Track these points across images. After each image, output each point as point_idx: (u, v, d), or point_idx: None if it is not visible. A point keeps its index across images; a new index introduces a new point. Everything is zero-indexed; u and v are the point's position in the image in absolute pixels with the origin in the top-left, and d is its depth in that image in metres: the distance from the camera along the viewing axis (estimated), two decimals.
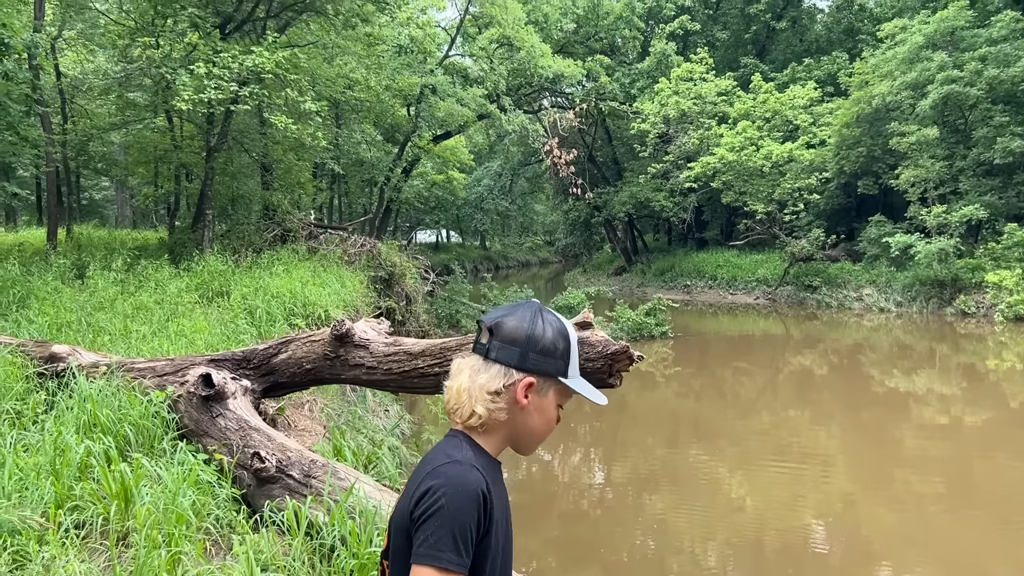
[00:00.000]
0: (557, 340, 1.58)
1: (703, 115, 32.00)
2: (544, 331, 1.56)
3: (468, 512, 1.40)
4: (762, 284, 31.17)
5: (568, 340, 1.60)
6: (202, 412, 4.72)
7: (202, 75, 12.42)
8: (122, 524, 3.69)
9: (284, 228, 17.77)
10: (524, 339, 1.55)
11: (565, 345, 1.59)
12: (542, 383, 1.57)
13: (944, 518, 8.35)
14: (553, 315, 1.61)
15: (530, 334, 1.55)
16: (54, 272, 10.94)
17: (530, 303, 1.62)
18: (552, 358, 1.57)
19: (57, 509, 3.66)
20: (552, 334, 1.57)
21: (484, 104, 23.75)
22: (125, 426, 4.55)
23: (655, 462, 10.90)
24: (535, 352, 1.55)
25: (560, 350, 1.58)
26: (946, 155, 25.63)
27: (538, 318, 1.57)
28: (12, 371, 5.39)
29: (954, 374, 16.93)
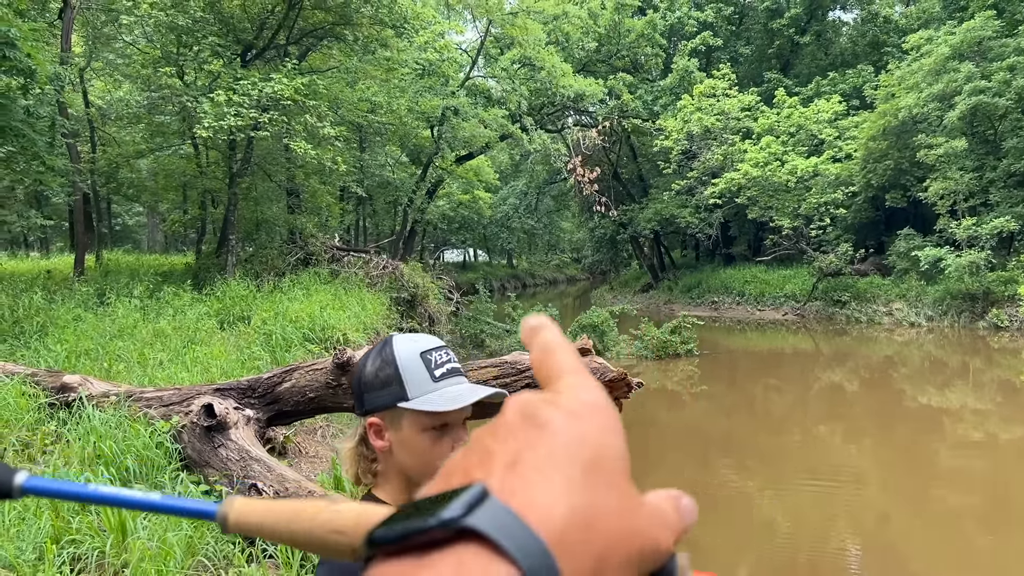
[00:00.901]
0: (381, 369, 1.48)
1: (726, 131, 31.83)
2: (369, 366, 1.48)
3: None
4: (790, 300, 30.78)
5: (395, 364, 1.48)
6: (204, 442, 4.74)
7: (222, 103, 12.62)
8: (118, 558, 3.70)
9: (307, 251, 17.95)
10: (357, 384, 1.49)
11: (391, 370, 1.48)
12: (389, 418, 1.48)
13: (981, 537, 8.14)
14: (389, 343, 1.51)
15: (360, 377, 1.49)
16: (77, 300, 11.11)
17: (384, 340, 1.53)
18: (381, 390, 1.47)
19: (54, 544, 3.68)
20: (374, 365, 1.49)
21: (506, 124, 23.86)
22: (128, 458, 4.57)
23: (683, 480, 10.74)
24: (367, 392, 1.48)
25: (386, 376, 1.47)
26: (975, 166, 25.21)
27: (368, 355, 1.50)
28: (23, 402, 5.45)
29: (988, 389, 16.57)
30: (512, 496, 0.35)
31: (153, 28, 15.17)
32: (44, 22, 15.77)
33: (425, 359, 1.49)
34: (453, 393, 1.48)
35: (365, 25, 15.28)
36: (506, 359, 4.55)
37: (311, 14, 15.24)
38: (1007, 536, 8.11)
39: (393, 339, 1.52)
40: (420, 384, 1.47)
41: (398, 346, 1.50)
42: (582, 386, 0.43)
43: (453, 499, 0.34)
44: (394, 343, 1.51)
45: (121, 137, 22.06)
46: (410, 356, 1.49)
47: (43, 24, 14.54)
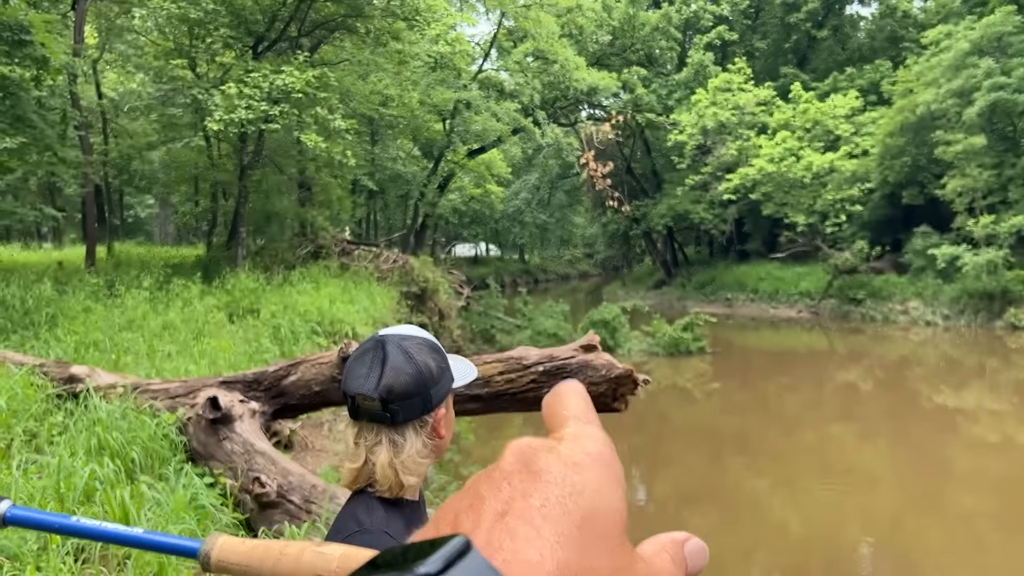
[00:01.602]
0: (436, 358, 1.51)
1: (741, 126, 31.61)
2: (427, 362, 1.48)
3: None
4: (805, 297, 30.57)
5: (440, 349, 1.55)
6: (209, 435, 4.71)
7: (233, 95, 12.60)
8: (121, 549, 3.67)
9: (317, 245, 17.94)
10: (420, 383, 1.46)
11: (442, 356, 1.54)
12: (446, 403, 1.54)
13: (997, 539, 8.05)
14: (412, 338, 1.52)
15: (420, 374, 1.46)
16: (87, 291, 11.12)
17: (379, 343, 1.50)
18: (442, 379, 1.51)
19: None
20: (431, 358, 1.50)
21: (518, 118, 23.76)
22: (133, 449, 4.55)
23: (696, 478, 10.71)
24: (433, 387, 1.47)
25: (443, 364, 1.53)
26: (994, 164, 24.93)
27: (409, 356, 1.47)
28: (30, 392, 5.44)
29: (1005, 389, 16.40)
30: (497, 551, 0.33)
31: (165, 20, 15.17)
32: (57, 13, 15.80)
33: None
34: (461, 365, 1.63)
35: (377, 17, 15.23)
36: (512, 354, 4.47)
37: (323, 6, 15.19)
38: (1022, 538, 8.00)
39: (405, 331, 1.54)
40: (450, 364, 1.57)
41: (425, 334, 1.56)
42: (587, 435, 0.41)
43: (436, 550, 0.32)
44: (414, 332, 1.55)
45: (133, 129, 22.12)
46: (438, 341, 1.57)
47: (56, 16, 14.55)
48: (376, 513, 1.44)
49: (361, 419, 1.48)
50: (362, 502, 1.48)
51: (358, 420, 1.48)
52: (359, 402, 1.45)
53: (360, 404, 1.46)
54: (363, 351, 1.51)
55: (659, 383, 17.43)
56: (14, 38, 10.61)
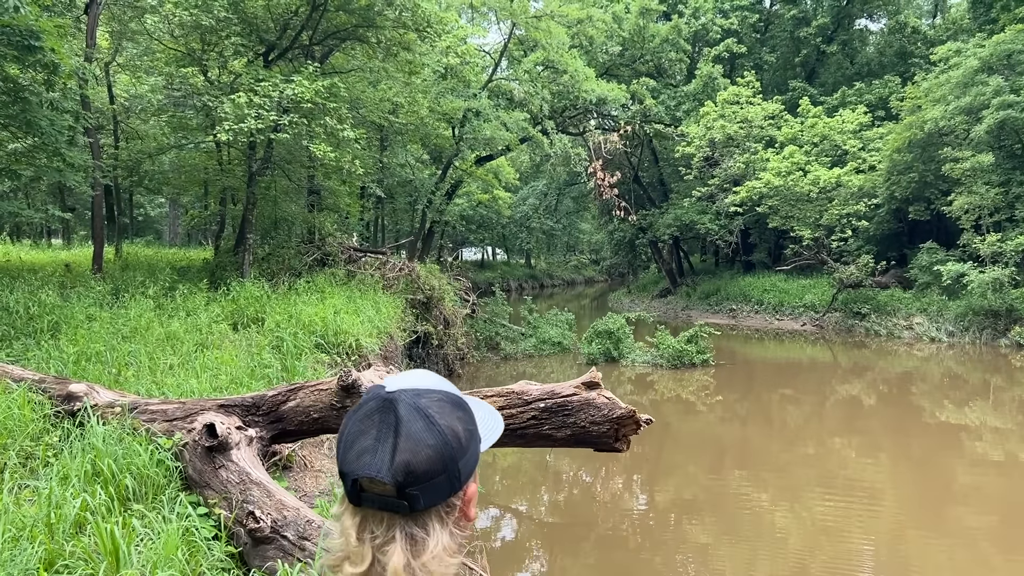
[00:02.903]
0: (464, 420, 1.19)
1: (749, 139, 31.59)
2: (453, 426, 1.15)
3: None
4: (809, 310, 30.49)
5: (465, 404, 1.22)
6: (205, 462, 4.69)
7: (243, 104, 12.62)
8: None
9: (324, 252, 17.94)
10: (446, 456, 1.12)
11: (469, 412, 1.21)
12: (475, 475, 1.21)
13: (998, 558, 8.00)
14: (429, 392, 1.19)
15: (445, 445, 1.12)
16: (92, 298, 11.14)
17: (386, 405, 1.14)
18: (472, 443, 1.19)
19: (47, 569, 3.64)
20: (459, 420, 1.17)
21: (527, 128, 23.77)
22: (127, 477, 4.53)
23: (697, 489, 10.68)
24: (463, 459, 1.15)
25: (471, 423, 1.20)
26: (1002, 181, 24.83)
27: (430, 420, 1.13)
28: (27, 412, 5.43)
29: (1009, 407, 16.32)
30: None
31: (177, 26, 15.20)
32: (70, 17, 15.85)
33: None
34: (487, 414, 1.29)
35: (388, 28, 15.24)
36: (513, 388, 4.46)
37: (334, 15, 15.20)
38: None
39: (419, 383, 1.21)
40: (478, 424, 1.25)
41: (445, 385, 1.24)
42: None
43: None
44: (440, 387, 1.22)
45: (145, 131, 22.18)
46: (463, 394, 1.25)
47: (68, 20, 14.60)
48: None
49: (365, 506, 1.11)
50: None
51: (361, 507, 1.11)
52: (364, 486, 1.10)
53: (366, 488, 1.10)
54: (366, 413, 1.14)
55: (662, 395, 17.40)
56: (24, 43, 10.64)
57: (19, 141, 12.71)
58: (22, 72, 11.62)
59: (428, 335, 17.90)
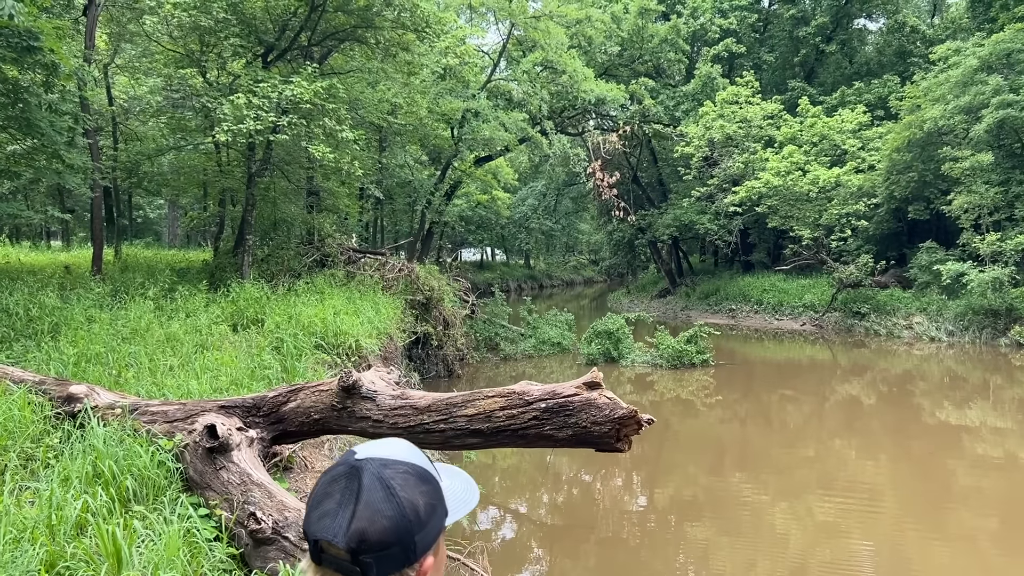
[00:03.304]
0: (426, 492, 1.21)
1: (748, 139, 31.60)
2: (413, 500, 1.18)
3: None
4: (809, 310, 30.49)
5: (432, 476, 1.25)
6: (206, 464, 4.68)
7: (242, 105, 12.61)
8: None
9: (323, 253, 17.94)
10: (402, 529, 1.16)
11: (434, 487, 1.24)
12: (435, 547, 1.23)
13: (998, 558, 7.99)
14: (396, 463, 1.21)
15: (402, 517, 1.16)
16: (92, 299, 11.13)
17: (352, 472, 1.18)
18: (434, 517, 1.21)
19: (48, 571, 3.63)
20: (421, 495, 1.20)
21: (526, 128, 23.78)
22: (128, 478, 4.52)
23: (697, 490, 10.68)
24: (420, 532, 1.18)
25: (435, 497, 1.23)
26: (1001, 180, 24.85)
27: (391, 492, 1.17)
28: (27, 414, 5.42)
29: (1009, 407, 16.31)
30: None
31: (176, 27, 15.19)
32: (69, 19, 15.84)
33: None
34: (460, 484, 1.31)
35: (387, 28, 15.24)
36: (514, 389, 4.45)
37: (333, 16, 15.20)
38: None
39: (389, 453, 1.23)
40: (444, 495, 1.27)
41: (415, 458, 1.25)
42: None
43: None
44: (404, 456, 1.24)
45: (143, 132, 22.18)
46: (430, 463, 1.26)
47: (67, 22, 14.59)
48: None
49: (325, 567, 1.17)
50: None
51: (321, 567, 1.17)
52: (323, 547, 1.15)
53: (325, 550, 1.15)
54: (333, 477, 1.19)
55: (662, 395, 17.39)
56: (23, 44, 10.63)
57: (18, 143, 12.71)
58: (21, 74, 11.61)
59: (428, 336, 17.89)
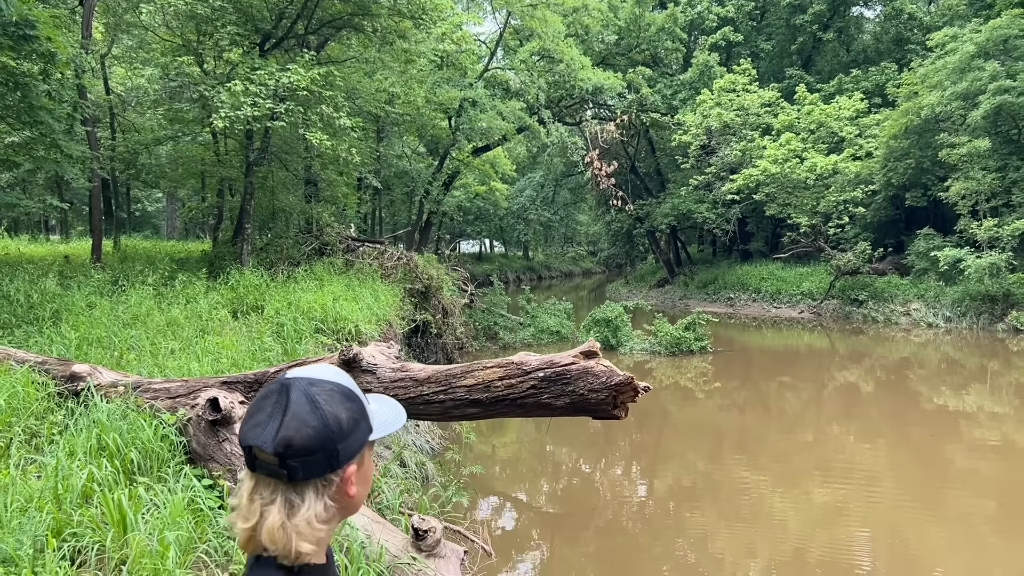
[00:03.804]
0: (349, 408, 1.35)
1: (746, 127, 31.61)
2: (336, 413, 1.32)
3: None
4: (807, 298, 30.57)
5: (356, 396, 1.38)
6: (209, 436, 4.74)
7: (239, 92, 12.63)
8: (118, 552, 3.71)
9: (322, 242, 17.96)
10: (325, 438, 1.30)
11: (358, 404, 1.37)
12: (359, 458, 1.37)
13: (996, 540, 8.05)
14: (322, 382, 1.35)
15: (325, 428, 1.30)
16: (92, 287, 11.17)
17: (285, 387, 1.32)
18: (356, 431, 1.35)
19: (55, 537, 3.69)
20: (343, 407, 1.34)
21: (523, 117, 23.78)
22: (132, 451, 4.57)
23: (696, 476, 10.72)
24: (342, 442, 1.31)
25: (358, 413, 1.36)
26: (998, 167, 24.89)
27: (318, 402, 1.31)
28: (31, 391, 5.47)
29: (1006, 392, 16.36)
30: None
31: (172, 16, 15.20)
32: (66, 8, 15.83)
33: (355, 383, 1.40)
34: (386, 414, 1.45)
35: (384, 16, 15.23)
36: (512, 359, 4.51)
37: (330, 4, 15.20)
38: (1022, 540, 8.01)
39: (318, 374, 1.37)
40: (370, 413, 1.40)
41: (341, 379, 1.38)
42: None
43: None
44: (332, 377, 1.37)
45: (141, 123, 22.18)
46: (354, 384, 1.38)
47: (64, 11, 14.60)
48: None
49: (258, 472, 1.30)
50: (260, 572, 1.32)
51: (255, 472, 1.31)
52: (256, 454, 1.29)
53: (257, 456, 1.29)
54: (265, 393, 1.33)
55: (661, 382, 17.44)
56: (19, 33, 10.64)
57: (17, 132, 12.72)
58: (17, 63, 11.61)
59: (427, 324, 17.94)
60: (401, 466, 8.50)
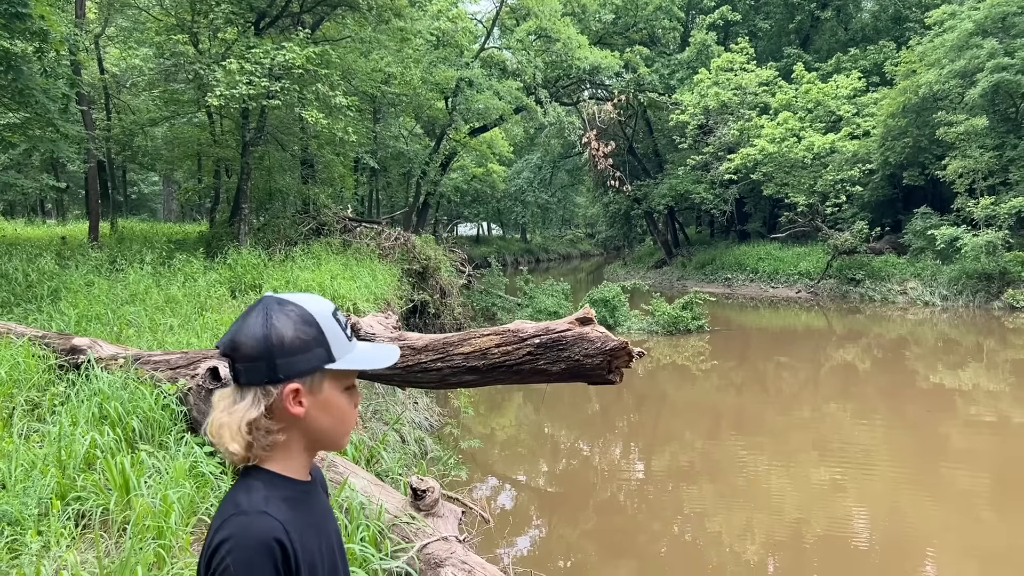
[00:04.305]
0: (302, 330, 1.40)
1: (743, 106, 31.54)
2: (282, 329, 1.38)
3: (260, 566, 1.29)
4: (804, 277, 30.63)
5: (316, 323, 1.42)
6: (209, 404, 4.78)
7: (235, 71, 12.59)
8: (121, 514, 3.76)
9: (319, 222, 17.97)
10: (264, 349, 1.37)
11: (315, 330, 1.41)
12: (310, 382, 1.41)
13: (991, 516, 8.12)
14: (290, 304, 1.42)
15: (267, 340, 1.37)
16: (90, 266, 11.20)
17: (260, 301, 1.44)
18: (305, 352, 1.39)
19: (59, 500, 3.74)
20: (293, 327, 1.39)
21: (521, 97, 23.71)
22: (133, 419, 4.62)
23: (694, 455, 10.78)
24: (282, 357, 1.37)
25: (311, 338, 1.40)
26: (996, 145, 24.89)
27: (271, 317, 1.39)
28: (32, 363, 5.52)
29: (1002, 369, 16.44)
30: None
31: None
32: None
33: (337, 319, 1.45)
34: (370, 352, 1.48)
35: None
36: (509, 327, 4.55)
37: None
38: (1018, 516, 8.07)
39: (294, 299, 1.44)
40: (342, 344, 1.43)
41: (311, 306, 1.44)
42: None
43: None
44: (302, 303, 1.43)
45: (136, 105, 22.10)
46: (325, 316, 1.44)
47: None
48: (255, 494, 1.36)
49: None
50: (244, 481, 1.41)
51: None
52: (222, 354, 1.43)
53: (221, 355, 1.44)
54: (247, 308, 1.45)
55: (658, 361, 17.51)
56: (12, 11, 10.60)
57: (13, 112, 12.69)
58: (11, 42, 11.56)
59: (425, 304, 17.98)
60: (400, 441, 8.57)
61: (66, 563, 3.16)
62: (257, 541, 1.30)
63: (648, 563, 7.21)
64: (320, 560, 1.43)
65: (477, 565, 3.49)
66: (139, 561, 3.10)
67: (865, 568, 6.93)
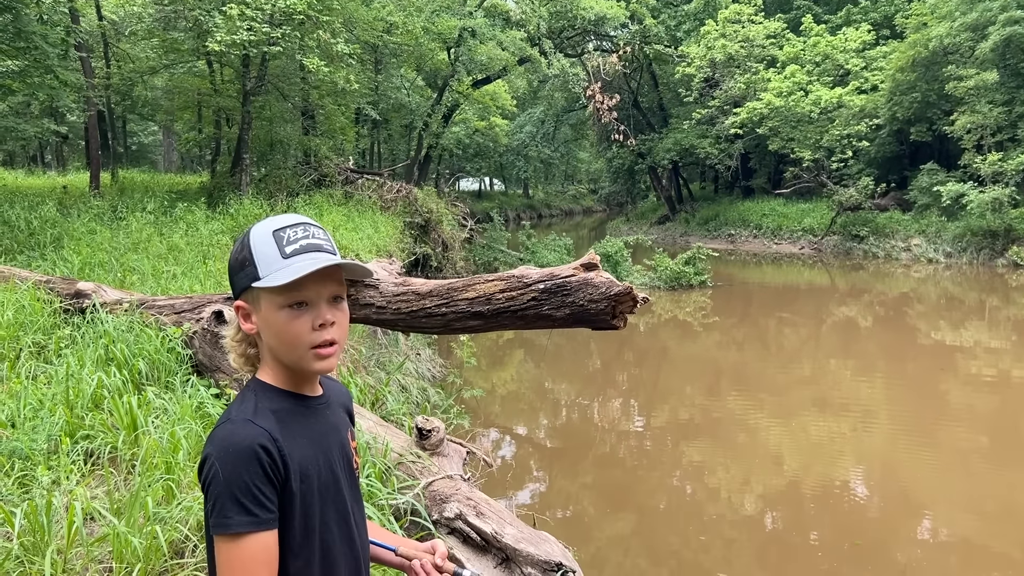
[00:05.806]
0: (239, 252, 1.46)
1: (750, 59, 31.10)
2: (233, 251, 1.48)
3: (246, 469, 1.33)
4: (808, 234, 30.54)
5: (247, 244, 1.45)
6: (215, 347, 4.80)
7: (235, 16, 12.41)
8: (129, 451, 3.80)
9: (321, 173, 17.87)
10: (231, 268, 1.49)
11: (247, 252, 1.45)
12: (251, 300, 1.46)
13: (990, 472, 8.16)
14: (250, 228, 1.48)
15: (232, 260, 1.47)
16: (92, 214, 11.16)
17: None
18: (240, 272, 1.45)
19: (68, 438, 3.78)
20: (235, 250, 1.47)
21: (524, 47, 23.37)
22: (139, 360, 4.65)
23: (694, 410, 10.82)
24: (232, 277, 1.48)
25: (243, 258, 1.45)
26: (1005, 100, 24.60)
27: (240, 240, 1.48)
28: (37, 307, 5.53)
29: (1004, 327, 16.45)
30: None
31: None
32: None
33: (277, 236, 1.44)
34: (297, 267, 1.42)
35: None
36: (513, 272, 4.54)
37: None
38: (1014, 471, 8.13)
39: (256, 223, 1.50)
40: (270, 262, 1.43)
41: (255, 228, 1.48)
42: None
43: None
44: (254, 226, 1.49)
45: (135, 53, 21.82)
46: (262, 235, 1.45)
47: None
48: (247, 404, 1.42)
49: None
50: (242, 392, 1.49)
51: None
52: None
53: None
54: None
55: (660, 316, 17.53)
56: None
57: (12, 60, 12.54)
58: None
59: (427, 257, 17.97)
60: (402, 390, 8.62)
61: (76, 496, 3.19)
62: (241, 446, 1.34)
63: (647, 515, 7.27)
64: (316, 471, 1.46)
65: (482, 501, 3.54)
66: (149, 495, 3.14)
67: (863, 521, 7.00)
